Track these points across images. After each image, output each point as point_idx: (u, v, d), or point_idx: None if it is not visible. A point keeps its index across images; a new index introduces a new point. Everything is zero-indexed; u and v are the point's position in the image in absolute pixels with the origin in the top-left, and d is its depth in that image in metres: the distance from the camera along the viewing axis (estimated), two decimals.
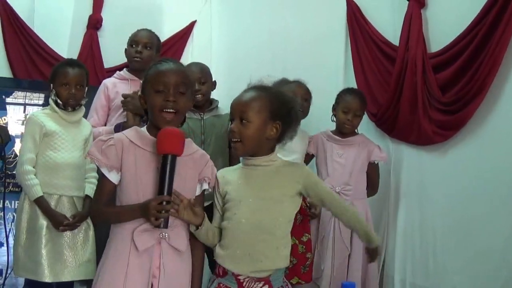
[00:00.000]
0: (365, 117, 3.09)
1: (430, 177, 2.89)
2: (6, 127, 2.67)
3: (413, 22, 2.86)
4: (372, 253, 1.91)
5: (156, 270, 1.64)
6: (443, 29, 2.79)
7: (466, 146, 2.68)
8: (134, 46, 2.78)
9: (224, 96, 2.82)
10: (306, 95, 2.80)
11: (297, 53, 3.45)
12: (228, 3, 3.89)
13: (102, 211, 1.70)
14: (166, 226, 1.61)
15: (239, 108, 1.70)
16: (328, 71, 3.37)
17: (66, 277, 2.39)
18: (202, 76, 2.68)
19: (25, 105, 3.29)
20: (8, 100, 3.24)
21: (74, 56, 3.40)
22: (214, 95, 2.92)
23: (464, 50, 2.59)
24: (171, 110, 1.65)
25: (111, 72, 3.34)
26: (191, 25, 3.84)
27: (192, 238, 1.73)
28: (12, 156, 3.03)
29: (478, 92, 2.51)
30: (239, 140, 1.69)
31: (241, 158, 1.78)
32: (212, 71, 2.96)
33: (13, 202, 2.55)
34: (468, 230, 2.65)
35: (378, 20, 3.19)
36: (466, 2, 2.65)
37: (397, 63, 2.94)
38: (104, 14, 3.55)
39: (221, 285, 1.70)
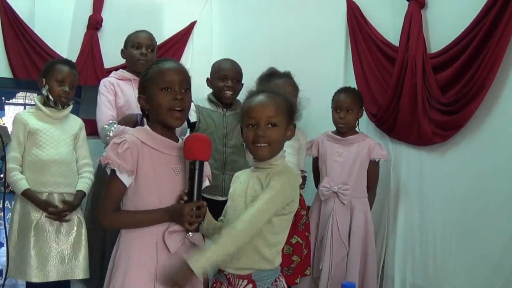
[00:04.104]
0: (365, 117, 3.09)
1: (430, 177, 2.89)
2: (6, 127, 2.67)
3: (413, 22, 2.86)
4: None
5: None
6: (443, 29, 2.79)
7: (466, 146, 2.68)
8: (137, 48, 2.78)
9: None
10: (294, 91, 2.69)
11: (297, 54, 3.45)
12: (228, 3, 3.89)
13: (116, 217, 1.63)
14: (198, 230, 1.65)
15: (266, 113, 1.68)
16: (328, 72, 3.37)
17: (54, 277, 2.38)
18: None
19: (25, 105, 3.28)
20: (8, 100, 3.24)
21: (74, 56, 3.40)
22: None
23: (464, 50, 2.59)
24: (179, 109, 1.66)
25: (111, 72, 3.34)
26: (191, 25, 3.83)
27: None
28: None
29: (478, 92, 2.52)
30: (267, 144, 1.67)
31: (252, 161, 1.77)
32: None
33: (13, 202, 2.55)
34: (468, 230, 2.65)
35: (378, 21, 3.19)
36: (466, 3, 2.65)
37: (397, 64, 2.94)
38: (104, 14, 3.54)
39: (217, 280, 1.74)
